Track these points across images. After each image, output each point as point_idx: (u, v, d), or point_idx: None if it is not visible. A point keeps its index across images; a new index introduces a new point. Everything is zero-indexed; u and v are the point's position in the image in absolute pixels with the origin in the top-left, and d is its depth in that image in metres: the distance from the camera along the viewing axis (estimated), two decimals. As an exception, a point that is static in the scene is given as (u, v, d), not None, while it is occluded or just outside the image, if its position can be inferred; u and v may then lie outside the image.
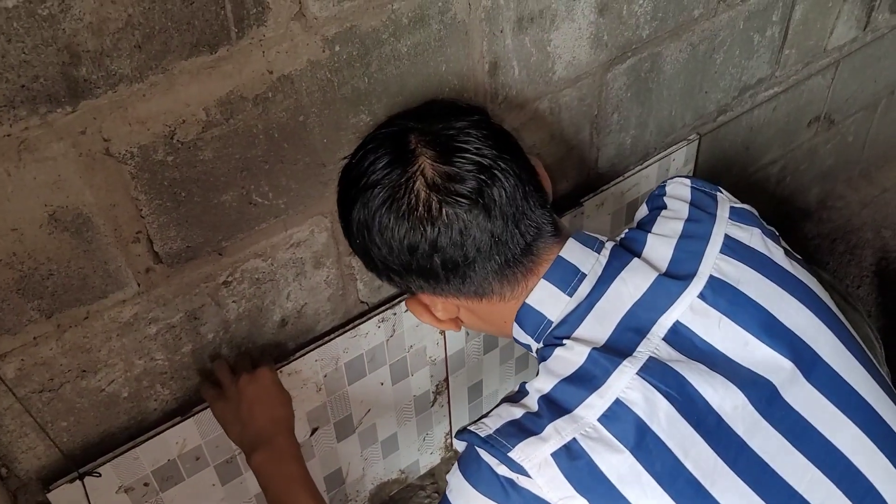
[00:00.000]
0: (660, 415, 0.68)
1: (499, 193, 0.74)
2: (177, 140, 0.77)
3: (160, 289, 0.86)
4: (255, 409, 0.89)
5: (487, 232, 0.74)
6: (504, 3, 0.93)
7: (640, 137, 1.26)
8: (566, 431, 0.67)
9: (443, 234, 0.74)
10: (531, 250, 0.77)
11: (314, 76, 0.82)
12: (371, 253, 0.79)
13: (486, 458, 0.70)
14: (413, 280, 0.79)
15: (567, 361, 0.72)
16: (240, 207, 0.86)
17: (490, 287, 0.77)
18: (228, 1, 0.72)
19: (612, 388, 0.68)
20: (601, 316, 0.73)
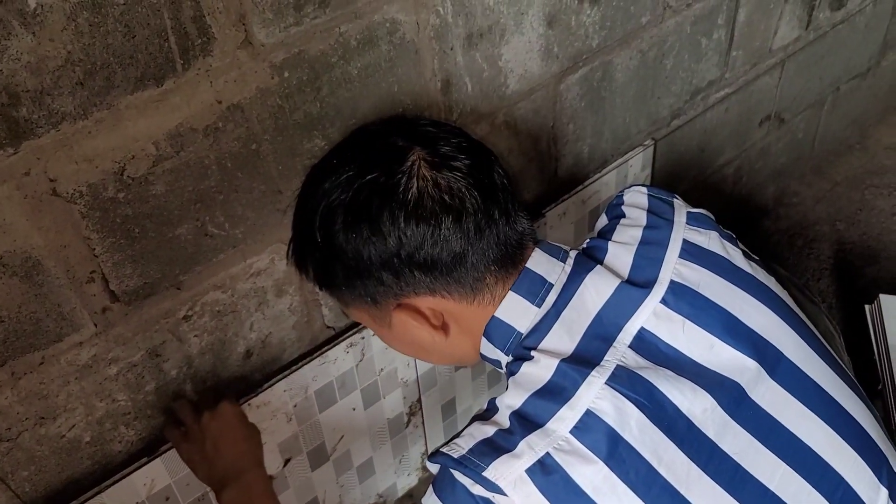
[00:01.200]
0: (631, 423, 0.68)
1: (497, 177, 0.75)
2: (127, 176, 0.75)
3: (118, 328, 0.83)
4: (220, 445, 0.88)
5: (494, 214, 0.74)
6: (452, 21, 0.94)
7: (596, 146, 1.27)
8: (539, 446, 0.67)
9: (461, 217, 0.72)
10: (521, 244, 0.77)
11: (264, 103, 0.82)
12: (364, 254, 0.73)
13: (461, 479, 0.69)
14: (411, 278, 0.73)
15: (535, 375, 0.71)
16: (196, 240, 0.84)
17: (485, 282, 0.75)
18: (172, 33, 0.71)
19: (582, 399, 0.68)
20: (568, 325, 0.73)
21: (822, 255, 1.76)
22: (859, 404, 0.77)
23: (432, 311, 0.76)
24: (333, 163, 0.76)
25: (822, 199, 1.89)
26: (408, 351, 0.85)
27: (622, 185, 1.36)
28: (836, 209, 1.86)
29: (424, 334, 0.77)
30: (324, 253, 0.76)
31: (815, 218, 1.84)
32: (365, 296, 0.76)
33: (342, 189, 0.73)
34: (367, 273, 0.74)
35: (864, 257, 1.74)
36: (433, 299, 0.75)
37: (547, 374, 0.70)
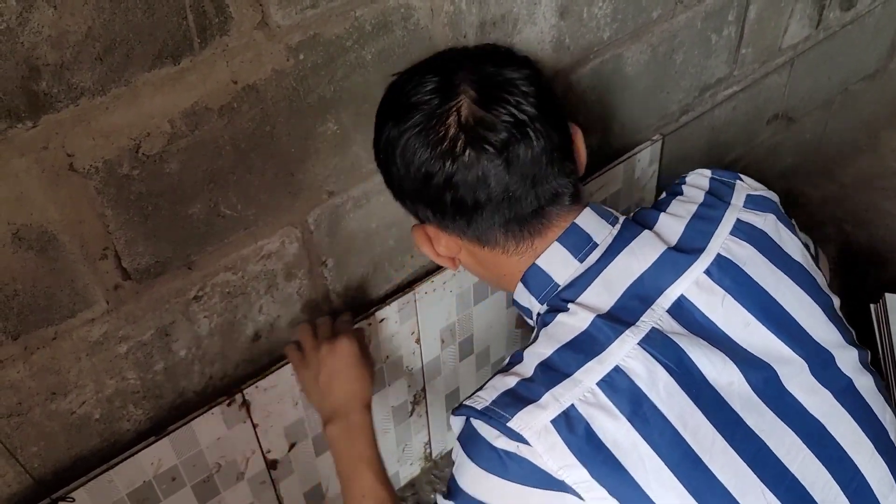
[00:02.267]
0: (659, 385, 0.68)
1: (524, 152, 0.73)
2: (142, 153, 0.76)
3: (129, 306, 0.84)
4: (334, 382, 0.92)
5: (503, 185, 0.73)
6: (466, 9, 0.94)
7: (605, 139, 1.28)
8: (564, 398, 0.67)
9: (459, 174, 0.72)
10: (543, 213, 0.76)
11: (279, 85, 0.82)
12: (391, 171, 0.78)
13: (484, 432, 0.69)
14: (422, 209, 0.78)
15: (569, 327, 0.72)
16: (208, 220, 0.85)
17: (494, 237, 0.76)
18: (190, 11, 0.72)
19: (614, 355, 0.69)
20: (608, 283, 0.74)
21: (828, 256, 1.76)
22: (886, 407, 0.78)
23: (443, 245, 0.79)
24: (405, 77, 0.79)
25: (829, 201, 1.89)
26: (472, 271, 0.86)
27: (629, 179, 1.37)
28: (844, 211, 1.86)
29: (432, 255, 0.82)
30: (385, 172, 0.81)
31: (823, 219, 1.84)
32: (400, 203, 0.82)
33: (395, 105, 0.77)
34: (393, 190, 0.80)
35: (871, 259, 1.74)
36: (442, 233, 0.78)
37: (581, 326, 0.71)
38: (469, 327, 1.26)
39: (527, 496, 0.68)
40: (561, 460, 0.66)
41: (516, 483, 0.68)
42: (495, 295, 1.26)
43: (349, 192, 0.97)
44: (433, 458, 1.41)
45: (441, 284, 1.15)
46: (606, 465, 0.66)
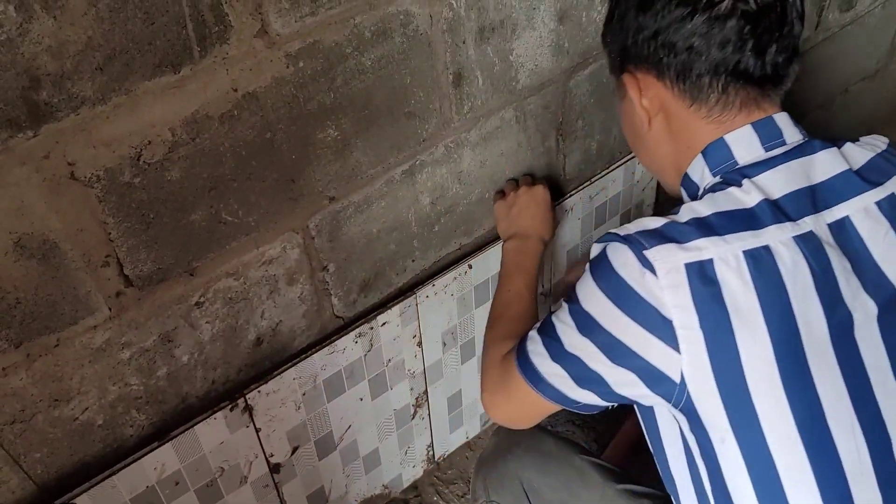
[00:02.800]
0: (798, 279, 0.70)
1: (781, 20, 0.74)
2: (143, 161, 0.77)
3: (132, 312, 0.85)
4: (524, 212, 1.10)
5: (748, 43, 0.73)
6: (465, 14, 0.94)
7: (605, 142, 1.28)
8: (707, 251, 0.69)
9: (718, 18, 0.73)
10: (762, 84, 0.77)
11: (279, 93, 0.83)
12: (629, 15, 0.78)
13: (615, 257, 0.73)
14: (651, 53, 0.77)
15: (735, 200, 0.73)
16: (209, 226, 0.85)
17: (706, 96, 0.77)
18: (190, 20, 0.72)
19: (768, 235, 0.70)
20: (785, 176, 0.75)
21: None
22: None
23: (653, 95, 0.80)
24: None
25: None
26: (627, 134, 0.90)
27: (629, 181, 1.37)
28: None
29: (636, 117, 0.82)
30: (610, 7, 0.82)
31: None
32: (617, 56, 0.82)
33: None
34: (626, 32, 0.79)
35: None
36: (658, 84, 0.79)
37: (747, 202, 0.73)
38: (471, 330, 1.26)
39: (630, 328, 0.71)
40: (679, 300, 0.69)
41: (624, 313, 0.72)
42: (496, 298, 1.26)
43: (350, 197, 0.97)
44: (436, 461, 1.41)
45: (442, 288, 1.16)
46: (719, 322, 0.68)
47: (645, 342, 0.71)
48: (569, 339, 0.77)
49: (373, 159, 0.97)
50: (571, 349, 0.77)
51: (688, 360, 0.69)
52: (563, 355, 0.78)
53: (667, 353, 0.70)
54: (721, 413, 0.70)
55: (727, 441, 0.71)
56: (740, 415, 0.70)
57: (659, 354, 0.71)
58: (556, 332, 0.79)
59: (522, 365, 0.83)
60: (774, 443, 0.70)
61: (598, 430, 1.51)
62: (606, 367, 0.75)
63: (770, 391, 0.69)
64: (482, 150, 1.10)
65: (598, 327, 0.74)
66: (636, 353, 0.72)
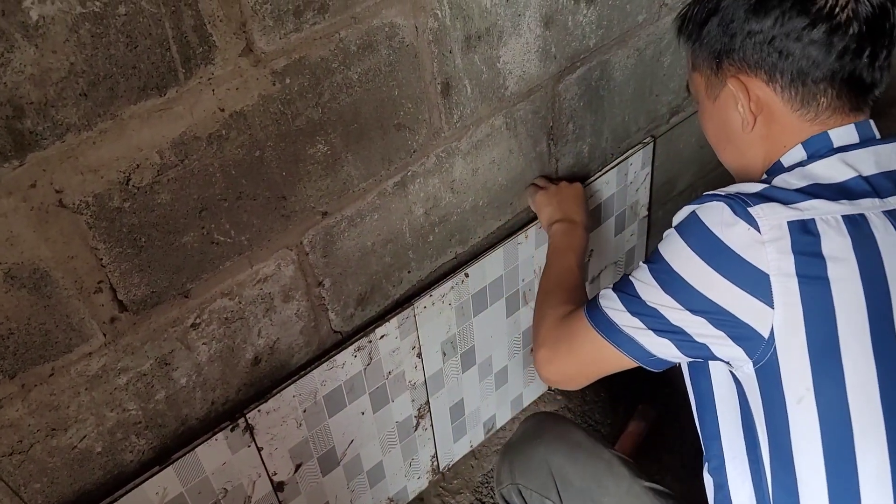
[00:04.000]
0: (891, 247, 0.73)
1: (889, 27, 0.77)
2: (132, 185, 0.76)
3: (127, 337, 0.84)
4: (570, 199, 1.15)
5: (865, 50, 0.76)
6: (451, 24, 0.94)
7: (596, 145, 1.28)
8: (808, 211, 0.72)
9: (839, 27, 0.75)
10: (869, 91, 0.80)
11: (267, 110, 0.82)
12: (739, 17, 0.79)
13: (711, 217, 0.74)
14: (763, 58, 0.79)
15: (826, 175, 0.76)
16: (202, 248, 0.85)
17: (818, 101, 0.79)
18: (173, 42, 0.72)
19: (863, 206, 0.74)
20: (875, 158, 0.78)
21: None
22: None
23: (758, 98, 0.81)
24: None
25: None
26: (713, 133, 0.90)
27: (623, 183, 1.37)
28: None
29: (737, 118, 0.83)
30: (710, 7, 0.82)
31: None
32: (714, 57, 0.83)
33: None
34: (733, 35, 0.80)
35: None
36: (766, 88, 0.80)
37: (838, 177, 0.76)
38: (470, 338, 1.26)
39: (721, 286, 0.73)
40: (780, 253, 0.71)
41: (715, 271, 0.73)
42: (495, 304, 1.26)
43: (343, 211, 0.97)
44: (441, 471, 1.41)
45: (440, 298, 1.15)
46: (816, 271, 0.71)
47: (737, 299, 0.72)
48: (650, 296, 0.78)
49: (364, 172, 0.96)
50: (653, 304, 0.78)
51: (781, 314, 0.71)
52: (644, 309, 0.79)
53: (760, 309, 0.72)
54: (806, 370, 0.71)
55: (805, 401, 0.72)
56: (826, 372, 0.71)
57: (752, 311, 0.72)
58: (635, 290, 0.80)
59: (595, 318, 0.83)
60: (855, 403, 0.71)
61: (602, 433, 1.50)
62: (689, 320, 0.75)
63: (859, 350, 0.71)
64: (474, 159, 1.09)
65: (686, 285, 0.75)
66: (726, 309, 0.73)
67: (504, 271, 1.23)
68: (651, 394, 1.51)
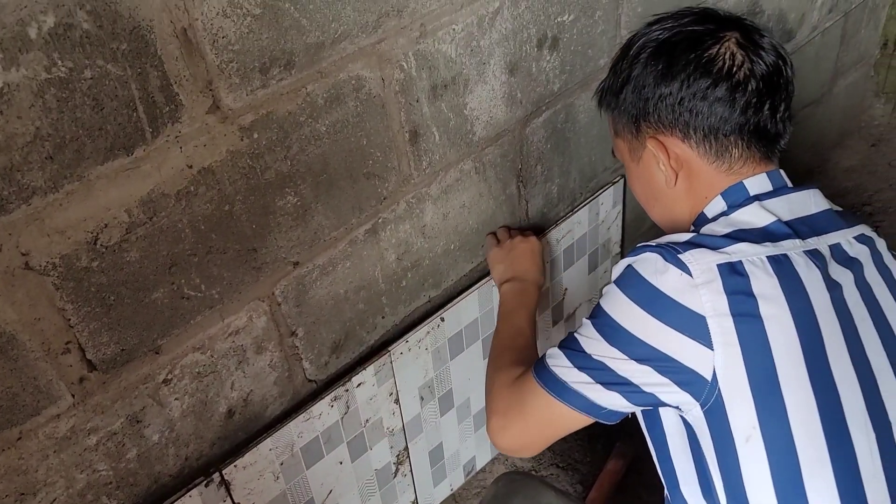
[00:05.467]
0: (814, 283, 0.77)
1: (783, 82, 0.84)
2: (100, 245, 0.76)
3: (97, 397, 0.83)
4: (522, 256, 1.15)
5: (765, 104, 0.82)
6: (417, 74, 0.96)
7: (565, 185, 1.30)
8: (735, 255, 0.77)
9: (738, 85, 0.81)
10: (775, 141, 0.85)
11: (235, 165, 0.83)
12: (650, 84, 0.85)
13: (645, 268, 0.78)
14: (676, 118, 0.84)
15: (749, 221, 0.82)
16: (172, 303, 0.84)
17: (731, 153, 0.84)
18: (140, 102, 0.73)
19: (785, 247, 0.78)
20: (791, 204, 0.83)
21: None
22: None
23: (676, 155, 0.86)
24: (668, 15, 0.88)
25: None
26: (641, 193, 0.95)
27: (594, 222, 1.39)
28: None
29: (660, 176, 0.88)
30: (623, 77, 0.88)
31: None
32: (633, 122, 0.88)
33: (664, 31, 0.86)
34: (646, 100, 0.86)
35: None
36: (682, 146, 0.86)
37: (760, 223, 0.81)
38: (447, 382, 1.26)
39: (662, 333, 0.76)
40: (712, 293, 0.75)
41: (655, 318, 0.76)
42: (472, 346, 1.26)
43: (314, 260, 0.97)
44: None
45: (416, 343, 1.15)
46: (749, 310, 0.74)
47: (678, 344, 0.75)
48: (595, 350, 0.81)
49: (334, 221, 0.97)
50: (598, 357, 0.80)
51: (721, 354, 0.74)
52: (590, 363, 0.81)
53: (700, 351, 0.74)
54: (750, 409, 0.74)
55: (752, 439, 0.75)
56: (770, 409, 0.74)
57: (692, 354, 0.75)
58: (580, 345, 0.83)
59: (543, 378, 0.85)
60: (800, 438, 0.74)
61: (581, 472, 1.50)
62: (634, 369, 0.78)
63: (798, 383, 0.74)
64: (444, 203, 1.11)
65: (628, 335, 0.78)
66: (668, 355, 0.76)
67: (479, 314, 1.24)
68: (629, 431, 1.52)
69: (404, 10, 0.91)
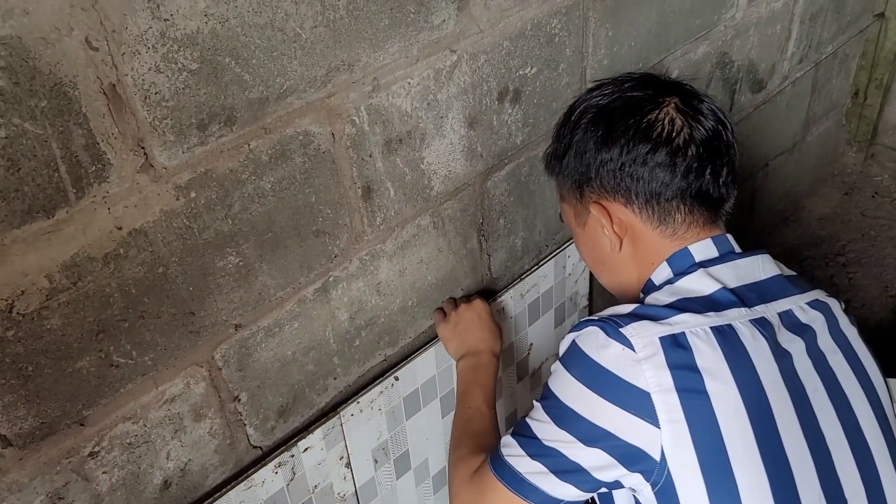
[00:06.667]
0: (761, 353, 0.75)
1: (724, 147, 0.83)
2: (16, 313, 0.70)
3: (12, 474, 0.76)
4: (469, 329, 1.10)
5: (706, 168, 0.81)
6: (369, 129, 0.92)
7: (529, 238, 1.26)
8: (678, 326, 0.75)
9: (678, 150, 0.80)
10: (719, 205, 0.84)
11: (170, 225, 0.78)
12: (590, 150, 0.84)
13: (588, 343, 0.76)
14: (617, 183, 0.83)
15: (694, 289, 0.80)
16: (99, 372, 0.79)
17: (673, 218, 0.83)
18: (62, 162, 0.68)
19: (730, 317, 0.77)
20: (737, 272, 0.82)
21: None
22: None
23: (620, 221, 0.85)
24: (608, 81, 0.87)
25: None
26: (588, 257, 0.94)
27: (560, 275, 1.35)
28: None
29: (605, 241, 0.87)
30: (565, 143, 0.88)
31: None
32: (576, 187, 0.87)
33: (604, 97, 0.85)
34: (587, 166, 0.85)
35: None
36: (625, 211, 0.84)
37: (704, 290, 0.80)
38: (403, 443, 1.20)
39: (607, 412, 0.73)
40: (655, 368, 0.72)
41: (600, 396, 0.74)
42: (429, 405, 1.21)
43: (258, 322, 0.92)
44: (379, 583, 1.32)
45: (368, 404, 1.10)
46: (694, 386, 0.72)
47: (624, 422, 0.73)
48: (545, 434, 0.78)
49: (281, 281, 0.92)
50: (549, 443, 0.78)
51: (668, 432, 0.71)
52: (542, 450, 0.78)
53: (646, 429, 0.72)
54: (701, 488, 0.71)
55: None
56: (720, 487, 0.71)
57: (638, 432, 0.72)
58: (531, 431, 0.80)
59: (499, 471, 0.82)
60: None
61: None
62: (585, 454, 0.75)
63: (749, 460, 0.71)
64: (400, 260, 1.06)
65: (575, 416, 0.76)
66: (615, 434, 0.73)
67: (437, 371, 1.19)
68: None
69: (355, 64, 0.88)
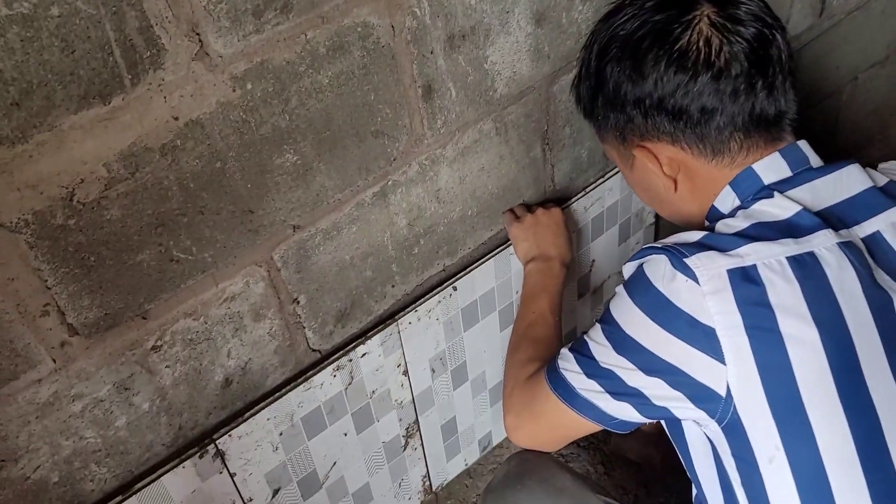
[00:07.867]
0: (846, 285, 0.67)
1: (775, 52, 0.73)
2: (77, 201, 0.70)
3: (80, 362, 0.78)
4: (545, 233, 1.06)
5: (757, 85, 0.72)
6: (431, 23, 0.87)
7: (596, 149, 1.20)
8: (750, 256, 0.68)
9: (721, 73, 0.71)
10: (779, 121, 0.75)
11: (227, 118, 0.76)
12: (622, 88, 0.76)
13: (653, 270, 0.71)
14: (660, 122, 0.75)
15: (770, 213, 0.72)
16: (160, 266, 0.79)
17: (728, 147, 0.75)
18: (117, 46, 0.66)
19: (812, 242, 0.68)
20: (817, 192, 0.73)
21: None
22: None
23: (669, 160, 0.78)
24: (627, 2, 0.78)
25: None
26: (644, 197, 0.88)
27: (627, 189, 1.29)
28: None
29: (658, 182, 0.80)
30: (593, 81, 0.80)
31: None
32: (615, 130, 0.80)
33: (627, 23, 0.76)
34: (621, 107, 0.78)
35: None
36: (673, 149, 0.77)
37: (783, 214, 0.71)
38: (461, 354, 1.19)
39: (671, 345, 0.69)
40: (722, 305, 0.66)
41: (663, 328, 0.69)
42: (487, 318, 1.19)
43: (317, 224, 0.91)
44: (433, 491, 1.34)
45: (426, 313, 1.09)
46: (765, 325, 0.65)
47: (687, 357, 0.68)
48: (603, 357, 0.76)
49: (339, 183, 0.90)
50: (607, 365, 0.75)
51: (734, 370, 0.66)
52: (599, 371, 0.76)
53: (711, 365, 0.67)
54: (771, 428, 0.66)
55: (776, 461, 0.66)
56: (793, 430, 0.65)
57: (703, 368, 0.68)
58: (589, 351, 0.77)
59: (554, 382, 0.80)
60: (831, 463, 0.65)
61: (604, 452, 1.43)
62: (645, 381, 0.72)
63: (826, 403, 0.65)
64: (461, 166, 1.02)
65: (636, 345, 0.72)
66: (679, 368, 0.69)
67: (496, 283, 1.16)
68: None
69: (418, -51, 0.82)
